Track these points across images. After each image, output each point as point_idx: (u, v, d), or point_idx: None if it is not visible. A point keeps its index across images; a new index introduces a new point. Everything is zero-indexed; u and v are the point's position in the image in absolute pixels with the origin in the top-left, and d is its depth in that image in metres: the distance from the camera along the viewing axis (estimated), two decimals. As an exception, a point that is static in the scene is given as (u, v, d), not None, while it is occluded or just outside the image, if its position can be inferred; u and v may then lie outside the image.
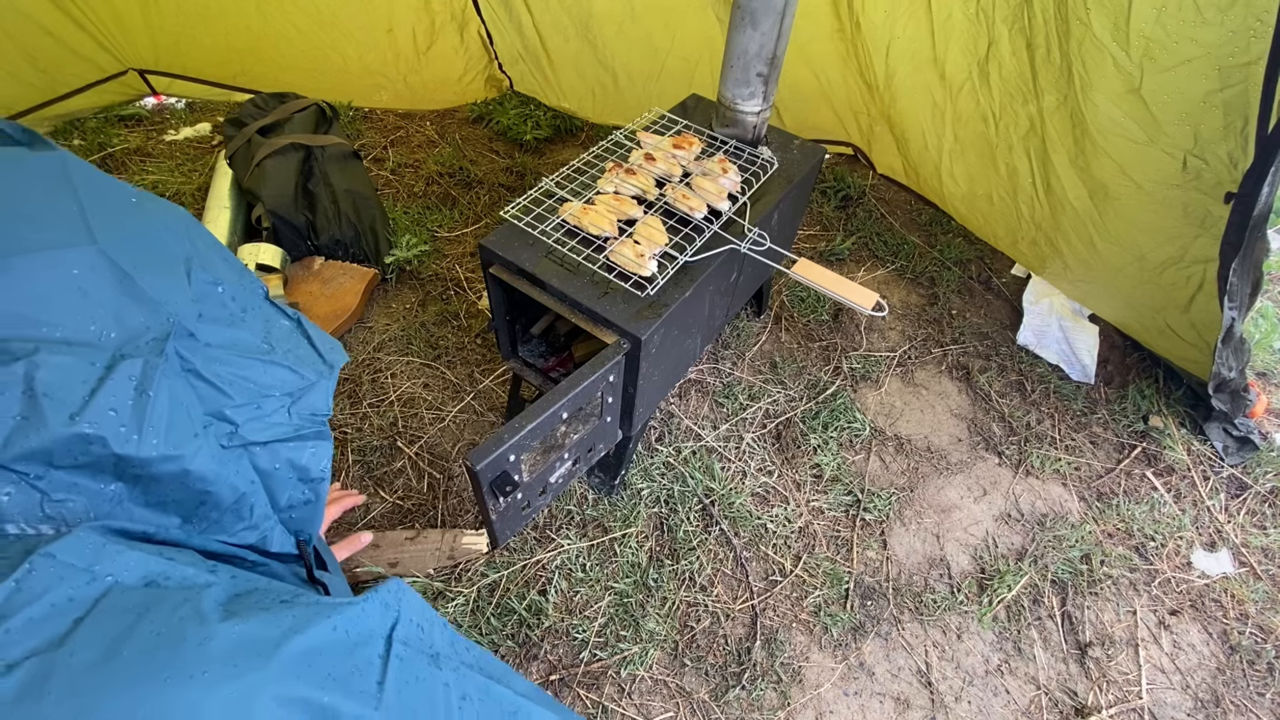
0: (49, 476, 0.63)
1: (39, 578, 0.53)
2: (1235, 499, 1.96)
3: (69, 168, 0.77)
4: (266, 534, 0.77)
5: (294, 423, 0.78)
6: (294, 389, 0.79)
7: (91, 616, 0.53)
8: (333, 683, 0.56)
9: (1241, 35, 1.47)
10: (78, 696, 0.48)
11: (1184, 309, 1.94)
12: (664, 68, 2.66)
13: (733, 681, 1.52)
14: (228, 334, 0.75)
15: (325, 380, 0.82)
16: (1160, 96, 1.65)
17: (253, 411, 0.75)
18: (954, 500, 1.89)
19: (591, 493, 1.79)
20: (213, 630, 0.56)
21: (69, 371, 0.64)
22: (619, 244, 1.39)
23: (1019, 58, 1.96)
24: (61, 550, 0.56)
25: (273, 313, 0.84)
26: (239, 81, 2.87)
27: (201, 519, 0.72)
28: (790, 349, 2.21)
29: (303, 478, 0.80)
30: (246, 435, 0.74)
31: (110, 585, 0.56)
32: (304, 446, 0.79)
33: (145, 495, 0.68)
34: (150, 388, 0.66)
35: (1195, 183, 1.71)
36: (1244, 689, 1.61)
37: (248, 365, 0.75)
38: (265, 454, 0.77)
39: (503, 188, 2.68)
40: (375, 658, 0.60)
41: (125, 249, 0.70)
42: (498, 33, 2.78)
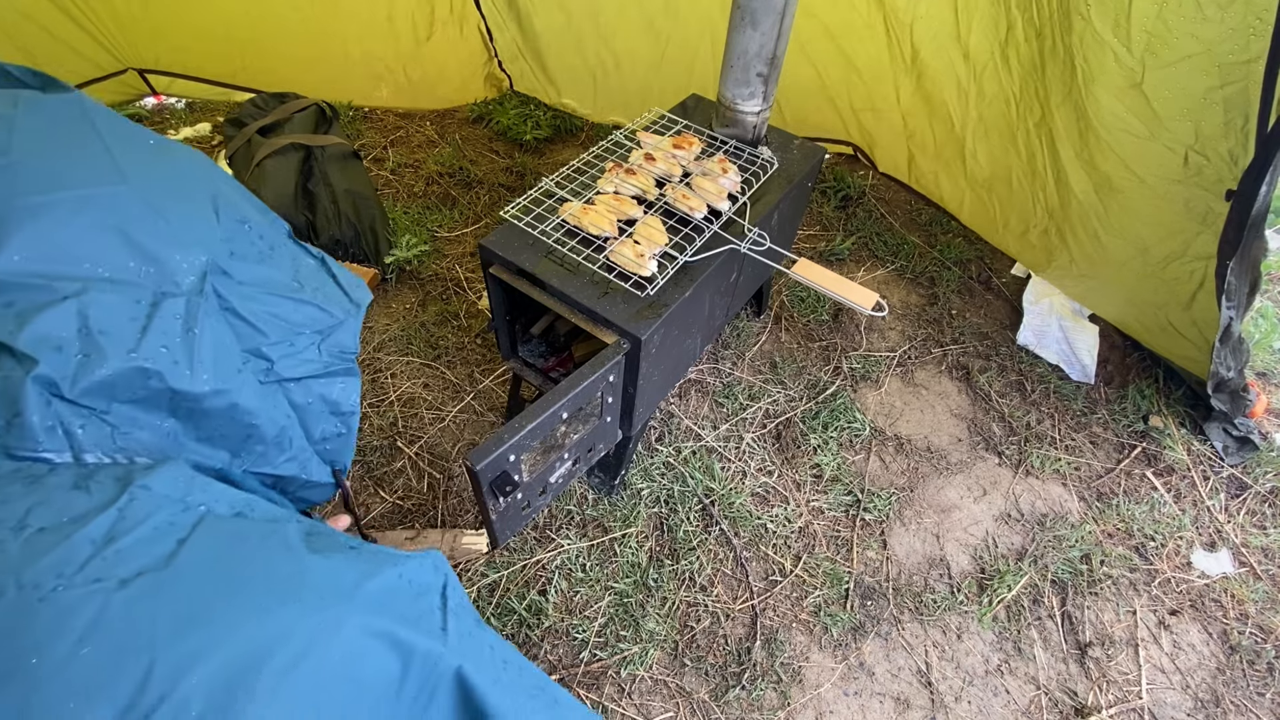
0: (114, 411, 0.67)
1: (139, 506, 0.58)
2: (1235, 499, 1.96)
3: (87, 109, 0.78)
4: (305, 464, 0.82)
5: (324, 359, 0.81)
6: (323, 326, 0.82)
7: (192, 539, 0.57)
8: (406, 621, 0.61)
9: (1241, 33, 1.47)
10: (187, 607, 0.53)
11: (1186, 306, 1.94)
12: (665, 55, 2.65)
13: (733, 681, 1.52)
14: (259, 271, 0.78)
15: (352, 319, 0.84)
16: (1161, 92, 1.65)
17: (286, 349, 0.78)
18: (954, 500, 1.89)
19: (591, 493, 1.79)
20: (304, 561, 0.62)
21: (118, 310, 0.68)
22: (619, 244, 1.39)
23: (1030, 45, 1.96)
24: (156, 482, 0.62)
25: (298, 251, 0.85)
26: (239, 79, 2.87)
27: (249, 452, 0.76)
28: (790, 349, 2.21)
29: (334, 411, 0.84)
30: (281, 371, 0.77)
31: (204, 513, 0.61)
32: (334, 382, 0.83)
33: (197, 430, 0.73)
34: (195, 325, 0.70)
35: (1197, 179, 1.71)
36: (1244, 689, 1.60)
37: (279, 303, 0.78)
38: (299, 389, 0.80)
39: (503, 188, 2.68)
40: (435, 607, 0.66)
41: (155, 189, 0.73)
42: (495, 24, 2.77)
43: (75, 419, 0.65)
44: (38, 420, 0.63)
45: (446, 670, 0.61)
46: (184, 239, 0.73)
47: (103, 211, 0.69)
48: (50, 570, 0.52)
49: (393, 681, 0.58)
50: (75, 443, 0.65)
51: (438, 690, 0.60)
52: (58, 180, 0.69)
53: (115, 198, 0.70)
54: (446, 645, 0.63)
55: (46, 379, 0.63)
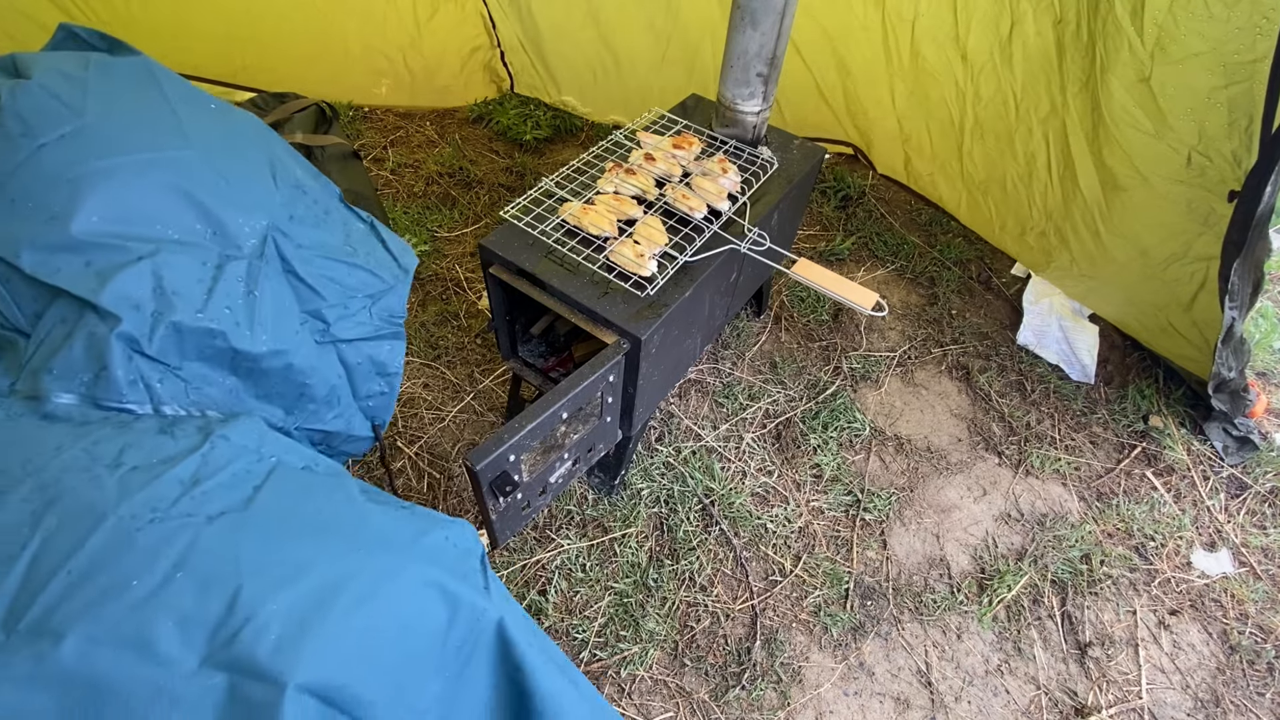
0: (186, 367, 0.72)
1: (220, 453, 0.63)
2: (1235, 499, 1.96)
3: (154, 72, 0.80)
4: (350, 420, 0.87)
5: (375, 323, 0.86)
6: (374, 291, 0.87)
7: (266, 487, 0.63)
8: (455, 575, 0.66)
9: (1247, 32, 1.46)
10: (266, 545, 0.58)
11: (1186, 307, 1.94)
12: (665, 55, 2.65)
13: (733, 681, 1.52)
14: (315, 235, 0.81)
15: (401, 284, 0.90)
16: (1168, 89, 1.65)
17: (342, 311, 0.83)
18: (954, 500, 1.89)
19: (591, 493, 1.79)
20: (366, 513, 0.67)
21: (187, 271, 0.71)
22: (619, 244, 1.39)
23: (1044, 36, 1.94)
24: (233, 433, 0.67)
25: (349, 215, 0.89)
26: (239, 79, 2.87)
27: (301, 409, 0.80)
28: (790, 349, 2.21)
29: (380, 372, 0.89)
30: (337, 333, 0.82)
31: (275, 464, 0.66)
32: (382, 344, 0.88)
33: (256, 388, 0.77)
34: (256, 288, 0.74)
35: (1199, 179, 1.71)
36: (1244, 689, 1.60)
37: (334, 267, 0.82)
38: (351, 350, 0.85)
39: (503, 188, 2.68)
40: (477, 568, 0.71)
41: (217, 153, 0.75)
42: (498, 14, 2.77)
43: (154, 373, 0.70)
44: (122, 374, 0.68)
45: (489, 624, 0.66)
46: (246, 203, 0.75)
47: (170, 174, 0.72)
48: (146, 504, 0.58)
49: (440, 628, 0.63)
50: (154, 395, 0.71)
51: (479, 643, 0.66)
52: (128, 143, 0.72)
53: (181, 161, 0.73)
54: (490, 601, 0.67)
55: (128, 336, 0.68)
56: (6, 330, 0.69)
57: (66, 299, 0.68)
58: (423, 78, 2.93)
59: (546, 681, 0.68)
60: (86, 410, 0.68)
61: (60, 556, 0.53)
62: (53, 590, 0.52)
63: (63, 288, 0.67)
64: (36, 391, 0.67)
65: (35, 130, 0.69)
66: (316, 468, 0.71)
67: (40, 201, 0.68)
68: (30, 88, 0.72)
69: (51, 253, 0.67)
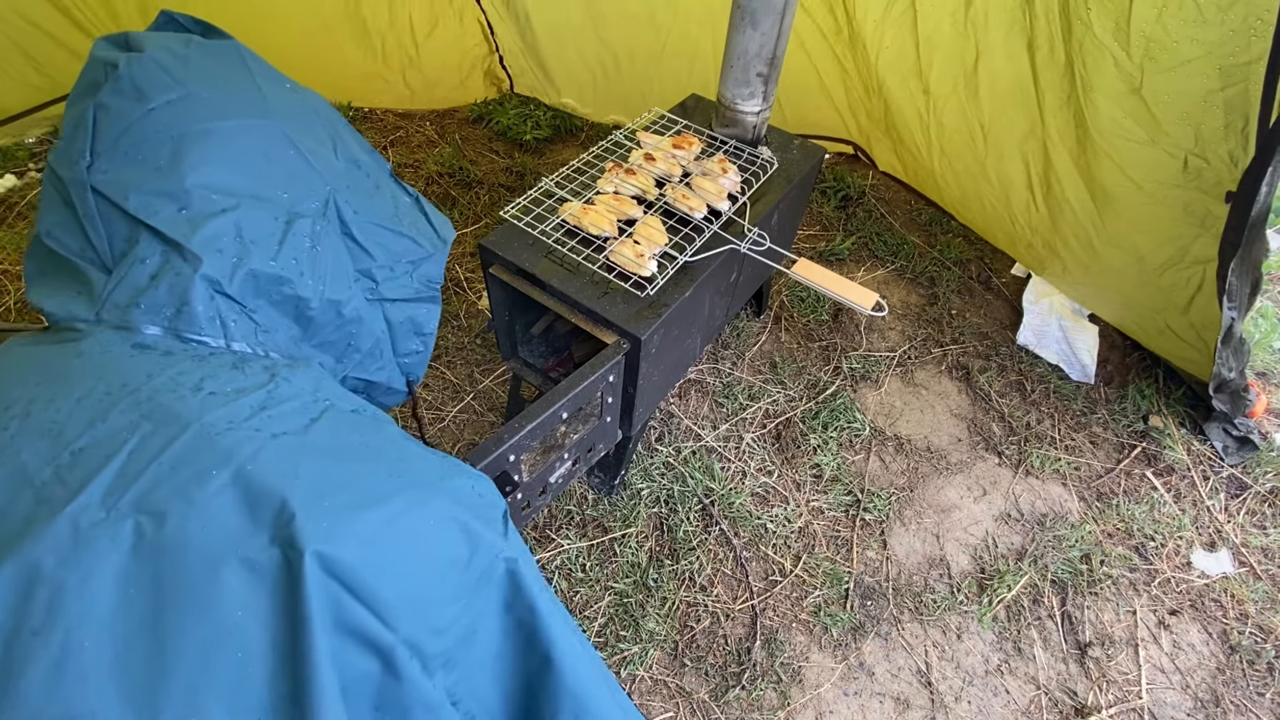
0: (259, 309, 0.81)
1: (283, 390, 0.74)
2: (1235, 499, 1.96)
3: (243, 54, 0.93)
4: (391, 374, 0.97)
5: (415, 286, 0.95)
6: (416, 257, 0.95)
7: (322, 420, 0.73)
8: (477, 516, 0.73)
9: (1242, 34, 1.47)
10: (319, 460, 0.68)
11: (1183, 310, 1.94)
12: (666, 45, 2.65)
13: (733, 681, 1.52)
14: (367, 203, 0.90)
15: (439, 253, 0.98)
16: (1161, 96, 1.65)
17: (388, 273, 0.92)
18: (954, 500, 1.89)
19: (591, 493, 1.79)
20: (404, 449, 0.76)
21: (262, 224, 0.81)
22: (619, 244, 1.39)
23: (1016, 61, 1.96)
24: (295, 377, 0.77)
25: (397, 189, 0.98)
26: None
27: (349, 359, 0.90)
28: (790, 349, 2.21)
29: (418, 331, 0.99)
30: (384, 292, 0.91)
31: (328, 405, 0.76)
32: (421, 307, 0.97)
33: (312, 336, 0.86)
34: (319, 244, 0.83)
35: (1196, 182, 1.71)
36: (1244, 689, 1.60)
37: (383, 233, 0.90)
38: (394, 309, 0.94)
39: (503, 188, 2.68)
40: (499, 515, 0.78)
41: (291, 125, 0.87)
42: (495, 19, 2.78)
43: (230, 312, 0.79)
44: (202, 310, 0.78)
45: (505, 563, 0.74)
46: (312, 170, 0.86)
47: (254, 139, 0.84)
48: (223, 418, 0.68)
49: (461, 560, 0.71)
50: (228, 332, 0.80)
51: (494, 579, 0.73)
52: (222, 110, 0.83)
53: (263, 129, 0.84)
54: (507, 542, 0.74)
55: (211, 277, 0.78)
56: (86, 263, 0.79)
57: (154, 239, 0.78)
58: (422, 92, 2.96)
59: (556, 626, 0.75)
60: (170, 342, 0.78)
61: (154, 452, 0.64)
62: (149, 476, 0.63)
63: (159, 228, 0.77)
64: (127, 323, 0.77)
65: (147, 96, 0.82)
66: (364, 412, 0.79)
67: (149, 155, 0.80)
68: (144, 60, 0.84)
69: (154, 197, 0.79)
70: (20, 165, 2.51)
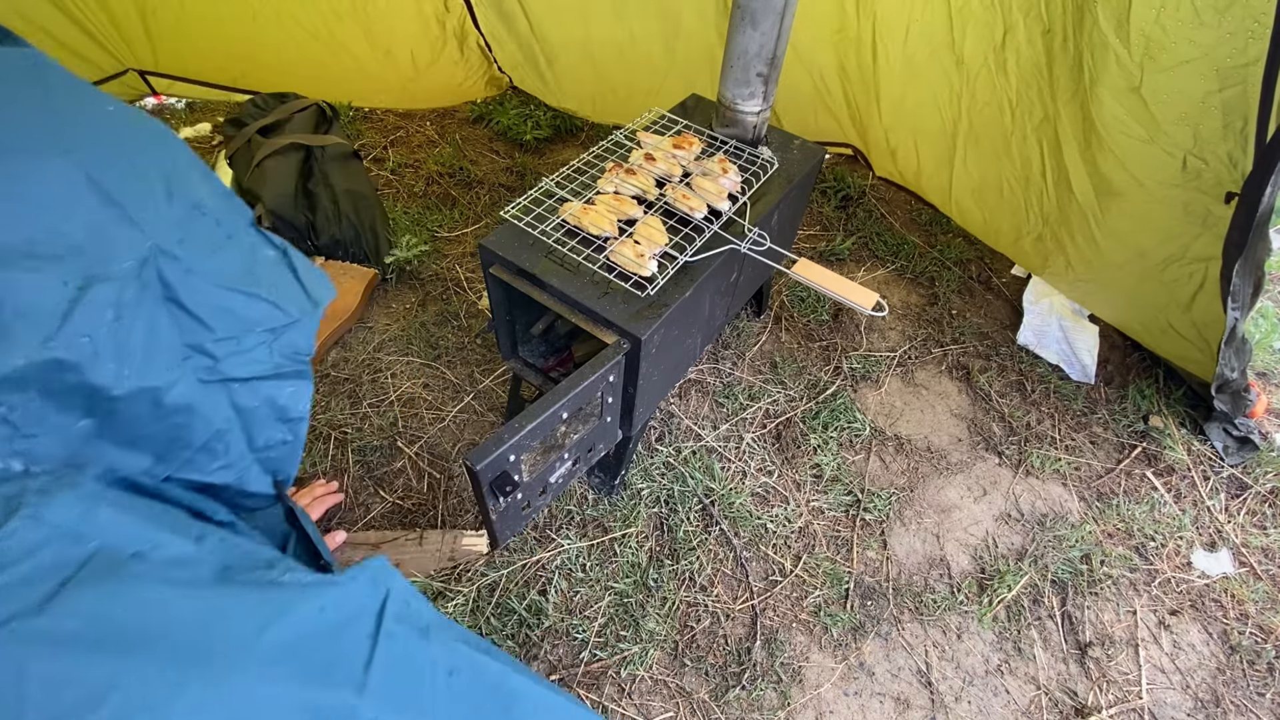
0: (20, 408, 0.58)
1: (23, 538, 0.50)
2: (1235, 499, 1.96)
3: (41, 67, 0.69)
4: (242, 474, 0.73)
5: (274, 360, 0.74)
6: (276, 325, 0.74)
7: (76, 580, 0.50)
8: (313, 674, 0.53)
9: (1239, 37, 1.47)
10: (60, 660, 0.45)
11: (1185, 307, 1.94)
12: (663, 87, 2.69)
13: (733, 681, 1.52)
14: (210, 261, 0.69)
15: (308, 318, 0.76)
16: (1160, 96, 1.65)
17: (234, 346, 0.70)
18: (954, 500, 1.89)
19: (591, 493, 1.79)
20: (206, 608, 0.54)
21: (41, 291, 0.59)
22: (619, 244, 1.39)
23: (1034, 45, 1.95)
24: (50, 510, 0.53)
25: (258, 241, 0.76)
26: (239, 84, 2.88)
27: (174, 457, 0.66)
28: (790, 349, 2.21)
29: (281, 417, 0.76)
30: (226, 370, 0.69)
31: (95, 551, 0.53)
32: (283, 385, 0.75)
33: (116, 432, 0.64)
34: (127, 314, 0.62)
35: (1195, 182, 1.71)
36: (1244, 689, 1.60)
37: (229, 296, 0.69)
38: (244, 390, 0.72)
39: (503, 188, 2.68)
40: (364, 638, 0.58)
41: (102, 162, 0.65)
42: (496, 44, 2.79)
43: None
44: None
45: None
46: (127, 220, 0.65)
47: (37, 181, 0.62)
48: None
49: None
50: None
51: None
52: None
53: (55, 168, 0.63)
54: (364, 691, 0.55)
55: None
56: None
57: None
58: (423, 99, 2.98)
59: None
60: None
61: None
62: None
63: None
64: None
65: None
66: (151, 555, 0.57)
67: None
68: None
69: None
70: (20, 165, 2.51)
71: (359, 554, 1.57)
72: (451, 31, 2.71)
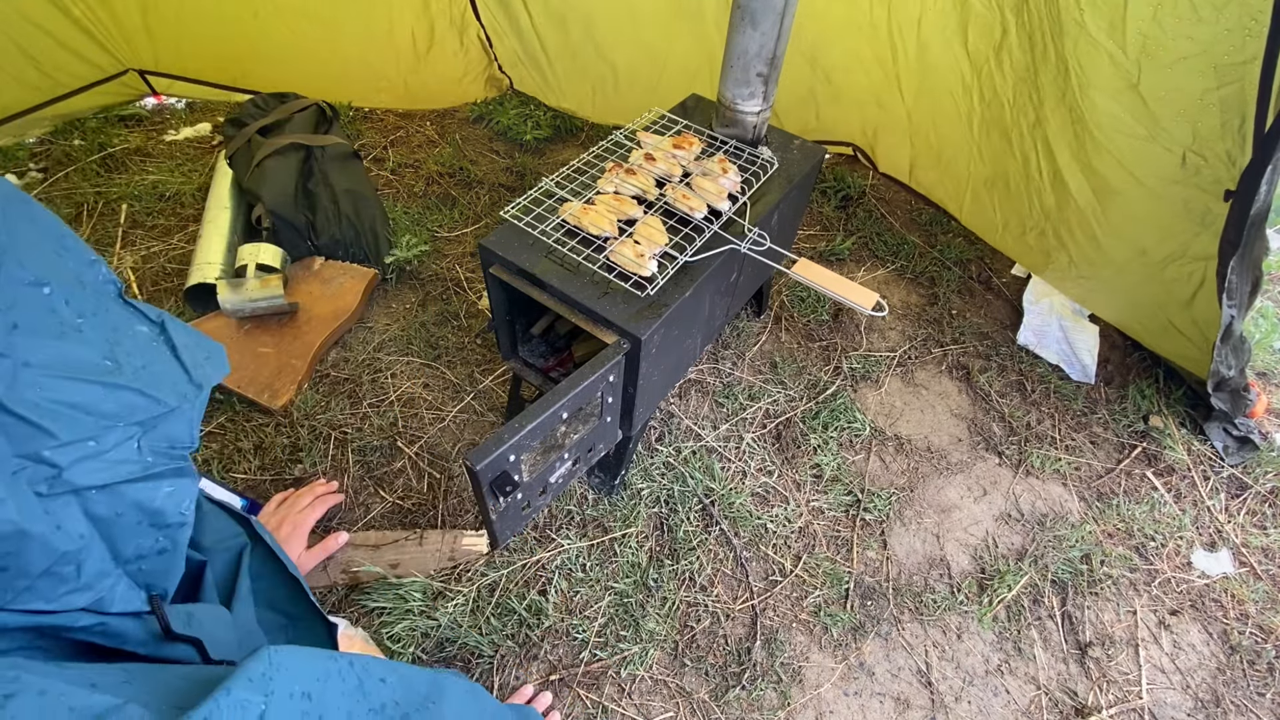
0: None
1: None
2: (1235, 499, 1.96)
3: None
4: (104, 594, 0.60)
5: (144, 459, 0.62)
6: (145, 417, 0.61)
7: None
8: None
9: (1237, 33, 1.47)
10: None
11: (1186, 305, 1.95)
12: (662, 79, 2.69)
13: (733, 681, 1.52)
14: (54, 349, 0.56)
15: (188, 405, 0.64)
16: (1158, 93, 1.65)
17: (85, 449, 0.57)
18: (954, 500, 1.89)
19: (591, 493, 1.79)
20: None
21: None
22: (619, 244, 1.39)
23: (1024, 50, 1.96)
24: None
25: (126, 317, 0.64)
26: (239, 83, 2.88)
27: (4, 588, 0.54)
28: (790, 349, 2.21)
29: (155, 523, 0.63)
30: (75, 480, 0.56)
31: None
32: (158, 487, 0.63)
33: None
34: None
35: (1194, 179, 1.71)
36: (1244, 689, 1.60)
37: (81, 389, 0.57)
38: (104, 498, 0.59)
39: (503, 188, 2.68)
40: None
41: None
42: (497, 38, 2.79)
43: None
44: None
45: None
46: None
47: None
48: None
49: None
50: None
51: None
52: None
53: None
54: None
55: None
56: None
57: None
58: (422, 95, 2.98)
59: None
60: None
61: None
62: None
63: None
64: None
65: None
66: None
67: None
68: None
69: None
70: (20, 165, 2.51)
71: (360, 554, 1.57)
72: (452, 21, 2.71)
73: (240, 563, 0.80)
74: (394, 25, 2.67)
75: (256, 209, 2.13)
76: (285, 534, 1.49)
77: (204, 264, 2.03)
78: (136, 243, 2.29)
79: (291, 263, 2.16)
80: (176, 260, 2.25)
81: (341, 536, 1.56)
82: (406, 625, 1.50)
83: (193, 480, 0.65)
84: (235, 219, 2.19)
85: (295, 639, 0.86)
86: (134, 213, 2.40)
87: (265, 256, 2.02)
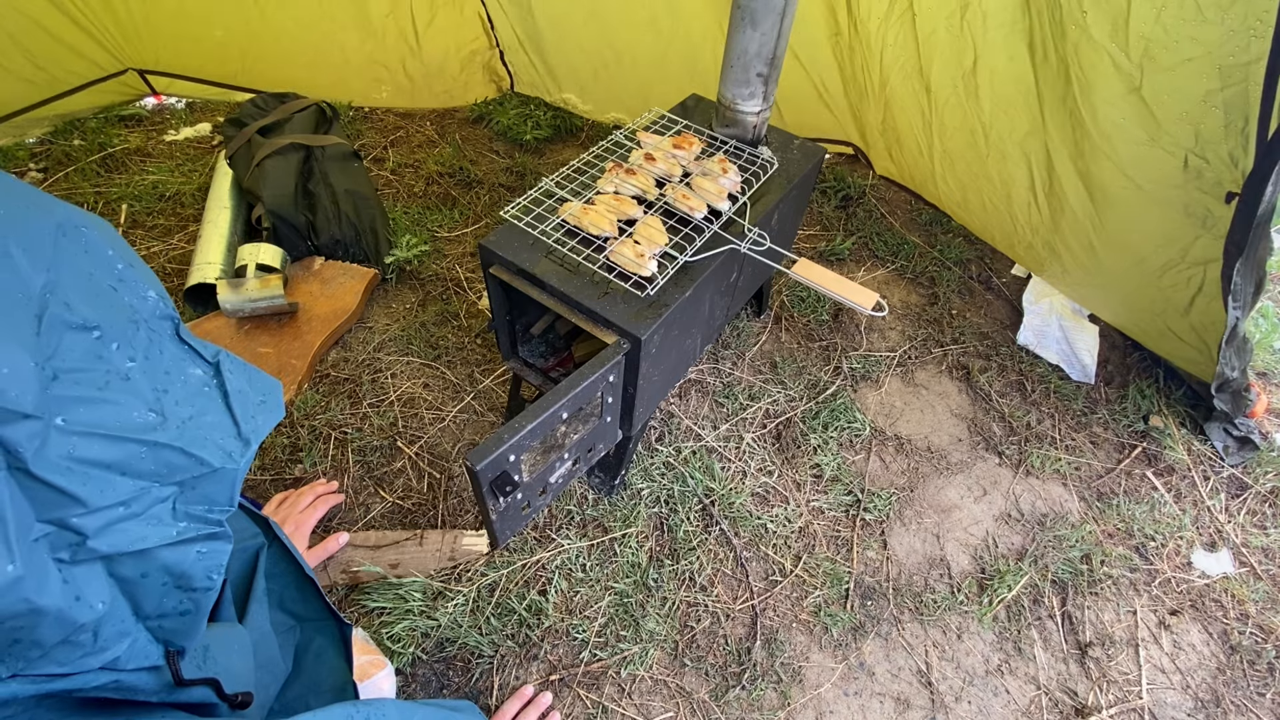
0: None
1: None
2: (1235, 499, 1.96)
3: None
4: (120, 654, 0.56)
5: (178, 524, 0.56)
6: (185, 477, 0.55)
7: None
8: None
9: (1241, 34, 1.47)
10: None
11: (1184, 312, 1.94)
12: (666, 53, 2.66)
13: (733, 681, 1.52)
14: (94, 404, 0.50)
15: (231, 465, 0.57)
16: (1161, 96, 1.65)
17: (115, 514, 0.52)
18: (954, 500, 1.89)
19: (591, 493, 1.79)
20: None
21: None
22: (619, 244, 1.39)
23: (1018, 61, 1.95)
24: None
25: (178, 359, 0.58)
26: (239, 80, 2.87)
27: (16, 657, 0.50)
28: (790, 349, 2.21)
29: (181, 586, 0.58)
30: (100, 548, 0.51)
31: None
32: (189, 549, 0.57)
33: None
34: None
35: (1196, 182, 1.71)
36: (1244, 689, 1.60)
37: (118, 448, 0.51)
38: (132, 561, 0.55)
39: (503, 188, 2.68)
40: None
41: None
42: (498, 16, 2.77)
43: None
44: None
45: None
46: None
47: None
48: None
49: None
50: None
51: None
52: None
53: None
54: None
55: None
56: None
57: None
58: (422, 84, 2.95)
59: None
60: None
61: None
62: None
63: None
64: None
65: None
66: None
67: None
68: None
69: None
70: (20, 165, 2.51)
71: (360, 554, 1.57)
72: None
73: (257, 562, 0.80)
74: (395, 6, 2.66)
75: (256, 209, 2.13)
76: (286, 534, 1.49)
77: (204, 264, 2.03)
78: (136, 243, 2.29)
79: (291, 263, 2.15)
80: (176, 260, 2.25)
81: (342, 537, 1.56)
82: (406, 625, 1.50)
83: (226, 542, 0.59)
84: (235, 219, 2.19)
85: (303, 641, 0.86)
86: (134, 213, 2.40)
87: (265, 256, 2.02)
